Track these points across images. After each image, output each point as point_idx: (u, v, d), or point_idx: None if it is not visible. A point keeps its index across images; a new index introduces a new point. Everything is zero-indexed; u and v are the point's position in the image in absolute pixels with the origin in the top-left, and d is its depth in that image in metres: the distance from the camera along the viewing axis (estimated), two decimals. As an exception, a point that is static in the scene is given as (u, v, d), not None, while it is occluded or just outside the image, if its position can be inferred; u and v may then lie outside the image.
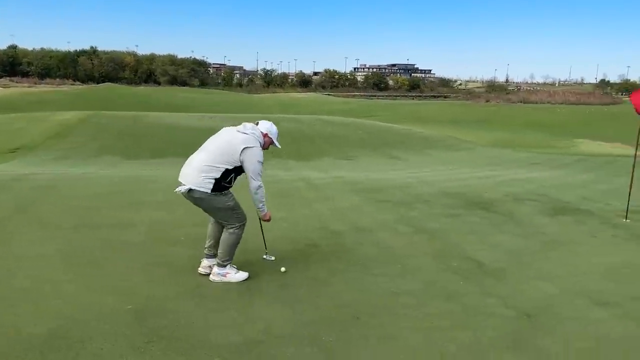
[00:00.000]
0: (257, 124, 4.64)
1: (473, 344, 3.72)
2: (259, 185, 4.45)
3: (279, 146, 4.77)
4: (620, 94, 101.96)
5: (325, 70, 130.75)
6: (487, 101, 60.36)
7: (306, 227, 6.62)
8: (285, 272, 4.93)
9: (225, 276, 4.62)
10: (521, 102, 56.15)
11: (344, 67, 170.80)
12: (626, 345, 3.81)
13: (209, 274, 4.70)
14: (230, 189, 4.58)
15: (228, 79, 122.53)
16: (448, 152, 19.04)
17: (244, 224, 4.64)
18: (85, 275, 4.65)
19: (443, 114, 44.51)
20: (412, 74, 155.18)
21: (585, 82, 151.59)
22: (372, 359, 3.47)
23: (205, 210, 4.60)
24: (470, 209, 8.33)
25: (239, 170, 4.44)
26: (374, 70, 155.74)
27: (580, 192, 10.45)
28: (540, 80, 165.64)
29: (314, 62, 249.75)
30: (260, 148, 4.49)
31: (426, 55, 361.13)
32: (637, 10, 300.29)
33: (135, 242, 5.71)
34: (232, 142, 4.39)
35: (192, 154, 4.65)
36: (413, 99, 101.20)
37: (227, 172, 4.37)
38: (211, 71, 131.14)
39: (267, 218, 4.76)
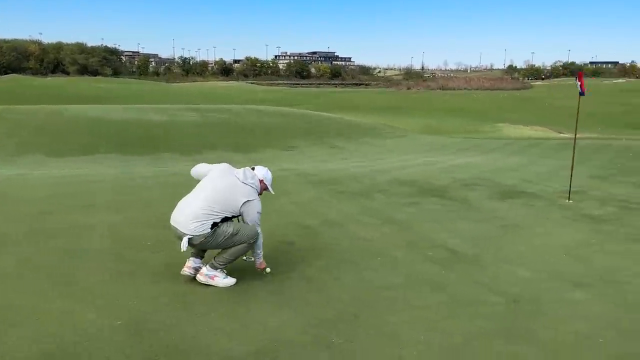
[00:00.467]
0: (253, 169, 4.61)
1: (473, 334, 3.80)
2: (259, 233, 4.47)
3: (273, 192, 4.81)
4: (527, 78, 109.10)
5: (247, 58, 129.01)
6: (408, 88, 62.29)
7: (277, 223, 6.47)
8: (270, 272, 4.80)
9: (213, 279, 4.42)
10: (440, 88, 58.50)
11: (265, 54, 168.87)
12: (609, 324, 4.06)
13: (192, 275, 4.48)
14: None
15: (143, 67, 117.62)
16: (385, 140, 19.44)
17: (254, 241, 4.47)
18: (57, 290, 4.26)
19: (370, 102, 45.36)
20: (333, 62, 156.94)
21: (494, 67, 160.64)
22: (384, 357, 3.46)
23: (210, 249, 4.52)
24: (426, 197, 8.55)
25: (237, 216, 4.50)
26: (295, 58, 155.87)
27: (519, 175, 11.04)
28: (454, 67, 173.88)
29: (234, 49, 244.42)
30: (259, 199, 4.51)
31: (346, 43, 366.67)
32: None
33: (99, 249, 5.32)
34: (234, 193, 4.36)
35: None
36: (336, 86, 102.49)
37: (226, 218, 4.38)
38: (124, 59, 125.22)
39: (263, 267, 4.66)
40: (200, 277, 4.42)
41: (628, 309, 4.33)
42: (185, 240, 4.28)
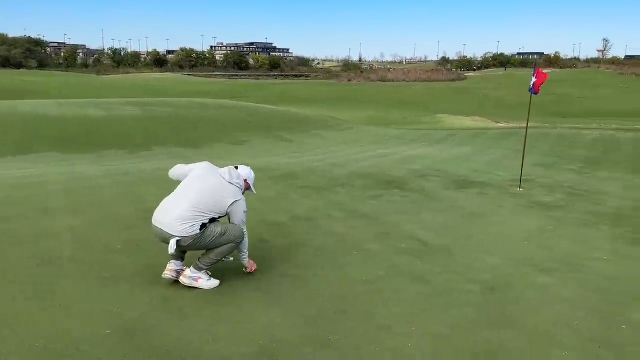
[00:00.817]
0: (236, 168, 4.57)
1: (460, 323, 3.93)
2: (245, 233, 4.43)
3: (255, 192, 4.81)
4: (460, 69, 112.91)
5: (182, 49, 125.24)
6: (349, 80, 62.88)
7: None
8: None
9: (197, 281, 4.32)
10: (380, 80, 59.48)
11: (201, 45, 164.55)
12: (580, 306, 4.33)
13: (174, 278, 4.36)
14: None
15: (71, 59, 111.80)
16: (334, 132, 19.56)
17: (241, 240, 4.43)
18: (36, 302, 4.01)
19: (313, 94, 45.46)
20: (271, 53, 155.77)
21: (429, 59, 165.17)
22: (383, 350, 3.52)
23: (196, 250, 4.39)
24: (387, 189, 8.71)
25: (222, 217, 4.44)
26: (232, 49, 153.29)
27: (468, 166, 11.48)
28: (390, 59, 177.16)
29: (168, 40, 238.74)
30: (244, 198, 4.47)
31: (283, 35, 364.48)
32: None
33: (70, 256, 5.03)
34: (221, 193, 4.30)
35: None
36: (276, 78, 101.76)
37: (213, 219, 4.32)
38: (49, 51, 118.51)
39: (252, 269, 4.65)
40: (184, 280, 4.31)
41: (593, 291, 4.63)
42: (174, 242, 4.16)
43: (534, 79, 8.53)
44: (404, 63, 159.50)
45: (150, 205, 6.62)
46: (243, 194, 4.53)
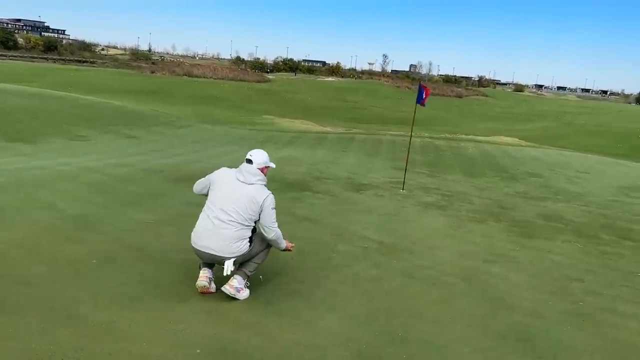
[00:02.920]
0: (249, 162, 4.29)
1: (464, 315, 4.56)
2: (276, 230, 4.32)
3: (274, 165, 4.58)
4: (254, 70, 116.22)
5: None
6: (152, 72, 59.55)
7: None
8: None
9: (240, 292, 4.24)
10: (186, 75, 57.80)
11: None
12: (533, 288, 5.46)
13: (208, 285, 4.22)
14: None
15: None
16: (174, 129, 18.65)
17: (277, 238, 4.40)
18: (67, 332, 3.43)
19: (111, 84, 41.85)
20: (43, 33, 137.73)
21: (221, 57, 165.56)
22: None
23: (244, 261, 4.33)
24: (299, 191, 9.05)
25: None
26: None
27: (342, 168, 12.44)
28: (182, 52, 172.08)
29: None
30: (270, 192, 4.29)
31: (57, 14, 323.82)
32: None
33: (46, 274, 4.28)
34: (251, 195, 4.16)
35: None
36: (55, 62, 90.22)
37: (254, 227, 4.30)
38: None
39: (290, 246, 4.55)
40: (229, 289, 4.19)
41: (535, 274, 5.84)
42: (230, 263, 4.12)
43: (423, 92, 9.81)
44: (197, 58, 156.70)
45: (69, 211, 5.97)
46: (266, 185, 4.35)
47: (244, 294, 4.28)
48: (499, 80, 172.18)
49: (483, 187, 11.52)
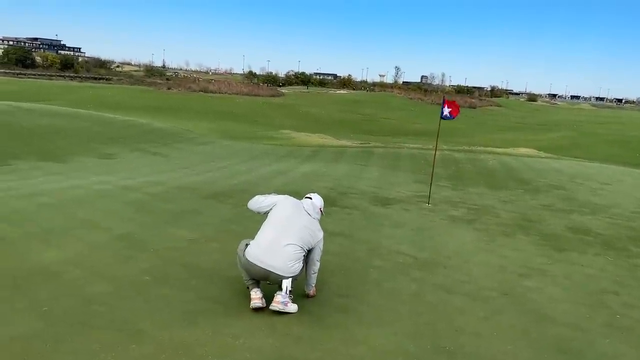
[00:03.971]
0: (309, 198, 4.92)
1: (507, 329, 4.70)
2: (319, 266, 4.79)
3: (324, 214, 5.11)
4: (266, 84, 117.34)
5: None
6: (168, 89, 60.44)
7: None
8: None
9: (287, 305, 4.44)
10: (202, 91, 58.56)
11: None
12: (575, 299, 5.56)
13: (262, 306, 4.41)
14: None
15: None
16: (196, 146, 19.02)
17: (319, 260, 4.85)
18: (138, 348, 3.62)
19: (131, 101, 42.62)
20: (59, 51, 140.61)
21: (234, 72, 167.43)
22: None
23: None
24: (327, 206, 9.07)
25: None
26: (11, 43, 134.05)
27: (366, 183, 12.60)
28: (195, 68, 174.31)
29: None
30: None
31: (73, 32, 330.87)
32: (280, 11, 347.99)
33: (106, 292, 4.50)
34: (312, 229, 4.63)
35: None
36: (72, 79, 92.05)
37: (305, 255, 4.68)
38: None
39: (313, 293, 4.89)
40: (277, 306, 4.39)
41: (570, 287, 5.94)
42: (289, 282, 4.39)
43: (447, 109, 9.89)
44: (210, 73, 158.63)
45: (114, 230, 6.20)
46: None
47: (292, 307, 4.47)
48: (512, 90, 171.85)
49: (508, 200, 11.60)
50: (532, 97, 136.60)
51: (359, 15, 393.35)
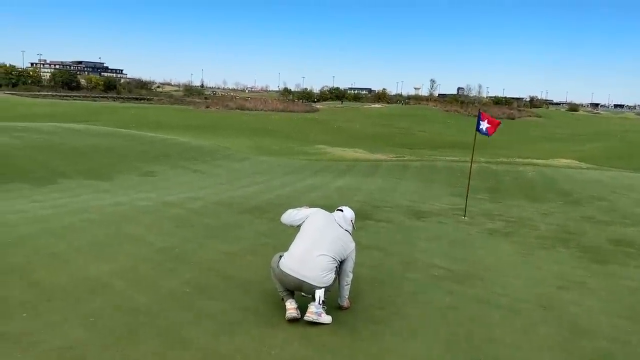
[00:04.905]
0: (340, 210, 5.02)
1: (546, 342, 4.65)
2: (352, 276, 4.85)
3: (355, 228, 5.14)
4: (301, 101, 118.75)
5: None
6: (207, 107, 61.99)
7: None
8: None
9: (321, 316, 4.51)
10: (239, 108, 59.78)
11: (22, 62, 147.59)
12: (619, 314, 5.44)
13: (298, 316, 4.51)
14: None
15: None
16: (233, 162, 19.46)
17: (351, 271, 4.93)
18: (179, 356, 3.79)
19: (172, 120, 43.92)
20: (102, 73, 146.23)
21: (270, 89, 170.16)
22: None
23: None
24: (362, 220, 9.26)
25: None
26: (58, 67, 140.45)
27: (401, 196, 12.63)
28: (232, 86, 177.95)
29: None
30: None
31: (115, 55, 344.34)
32: (314, 27, 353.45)
33: (149, 303, 4.72)
34: (344, 240, 4.73)
35: None
36: (115, 100, 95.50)
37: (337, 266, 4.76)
38: None
39: (347, 305, 4.94)
40: (311, 316, 4.47)
41: (610, 300, 5.81)
42: (322, 292, 4.47)
43: (485, 124, 9.83)
44: (246, 91, 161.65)
45: (157, 244, 6.42)
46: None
47: (326, 318, 4.54)
48: (552, 100, 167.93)
49: (547, 212, 11.39)
50: (573, 107, 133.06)
51: (393, 29, 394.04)
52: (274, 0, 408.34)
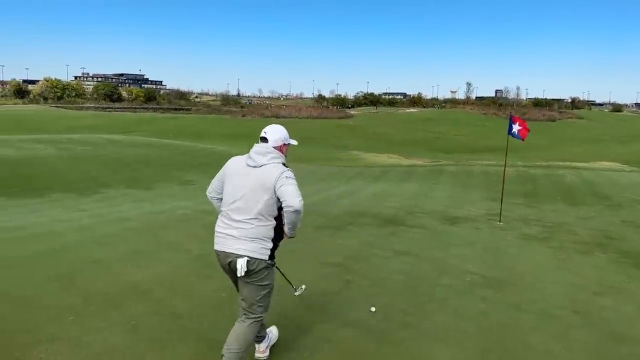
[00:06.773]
0: (264, 139, 3.71)
1: (581, 348, 4.58)
2: (301, 201, 3.45)
3: (295, 142, 4.01)
4: (336, 107, 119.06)
5: (46, 79, 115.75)
6: (243, 116, 63.03)
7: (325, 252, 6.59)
8: (375, 311, 5.06)
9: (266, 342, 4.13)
10: (274, 117, 60.52)
11: (66, 75, 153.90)
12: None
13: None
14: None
15: None
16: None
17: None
18: None
19: (211, 129, 44.91)
20: (143, 85, 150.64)
21: (304, 96, 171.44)
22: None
23: (248, 288, 3.68)
24: (394, 226, 9.33)
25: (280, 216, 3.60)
26: (100, 79, 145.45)
27: (435, 201, 12.57)
28: (268, 94, 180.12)
29: (27, 69, 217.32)
30: (288, 168, 3.64)
31: (155, 66, 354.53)
32: (348, 33, 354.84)
33: (187, 307, 4.91)
34: (262, 186, 3.48)
35: None
36: (155, 111, 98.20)
37: (276, 225, 3.61)
38: None
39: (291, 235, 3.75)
40: (262, 355, 4.02)
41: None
42: (243, 262, 3.55)
43: (517, 127, 9.74)
44: (282, 99, 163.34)
45: (194, 251, 6.59)
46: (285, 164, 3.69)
47: (273, 334, 4.26)
48: (594, 101, 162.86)
49: (586, 217, 11.13)
50: (617, 108, 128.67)
51: (427, 33, 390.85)
52: (308, 8, 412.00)
